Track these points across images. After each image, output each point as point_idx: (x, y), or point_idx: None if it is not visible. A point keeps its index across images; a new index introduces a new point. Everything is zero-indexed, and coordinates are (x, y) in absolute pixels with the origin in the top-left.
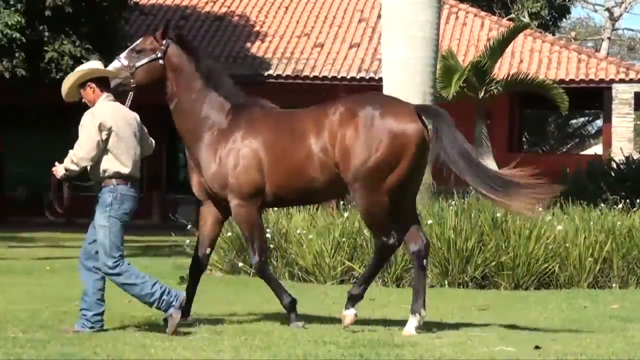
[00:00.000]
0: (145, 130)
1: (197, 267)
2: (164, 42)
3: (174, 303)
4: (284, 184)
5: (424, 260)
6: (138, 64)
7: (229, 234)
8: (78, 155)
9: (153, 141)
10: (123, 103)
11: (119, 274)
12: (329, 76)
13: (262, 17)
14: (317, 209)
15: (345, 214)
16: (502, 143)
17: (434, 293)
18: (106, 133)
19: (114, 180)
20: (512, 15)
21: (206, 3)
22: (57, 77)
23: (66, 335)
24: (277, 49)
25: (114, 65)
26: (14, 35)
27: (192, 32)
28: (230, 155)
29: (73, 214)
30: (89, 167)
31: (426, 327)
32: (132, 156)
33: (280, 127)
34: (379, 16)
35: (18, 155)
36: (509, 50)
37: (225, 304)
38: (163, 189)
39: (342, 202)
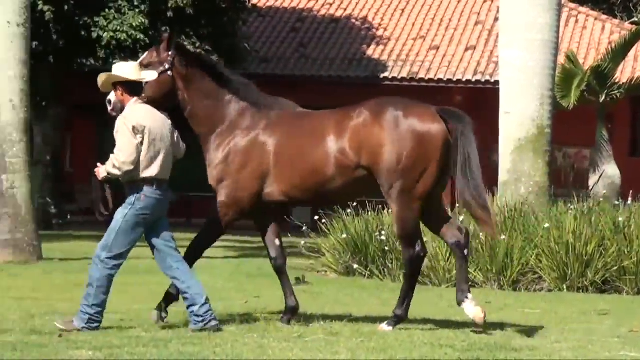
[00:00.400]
0: (177, 134)
1: (277, 263)
2: (170, 53)
3: (83, 324)
4: (298, 184)
5: (465, 250)
6: (148, 78)
7: (344, 235)
8: (120, 160)
9: (184, 145)
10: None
11: (96, 265)
12: (444, 79)
13: (379, 20)
14: None
15: (460, 217)
16: (625, 147)
17: (552, 297)
18: (141, 136)
19: (140, 182)
20: (635, 19)
21: (322, 5)
22: None
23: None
24: (393, 51)
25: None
26: (138, 37)
27: (308, 34)
28: (239, 154)
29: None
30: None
31: (545, 331)
32: (161, 159)
33: (298, 127)
34: (496, 19)
35: None
36: (631, 53)
37: (341, 305)
38: None
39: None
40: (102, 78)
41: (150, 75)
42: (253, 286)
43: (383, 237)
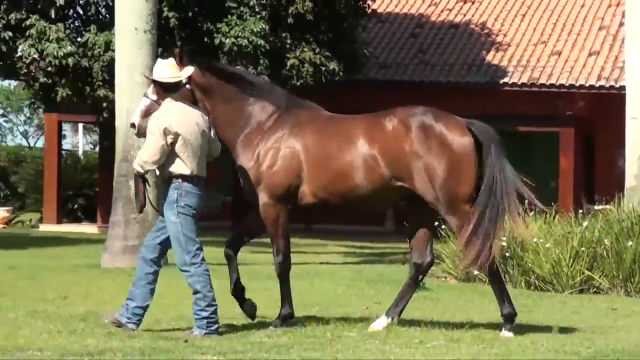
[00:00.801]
0: (213, 132)
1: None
2: (184, 66)
3: (204, 330)
4: (326, 186)
5: (421, 276)
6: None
7: None
8: (142, 159)
9: (220, 144)
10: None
11: (188, 271)
12: (566, 84)
13: (498, 25)
14: (553, 217)
15: (584, 223)
16: None
17: None
18: (172, 137)
19: (180, 179)
20: None
21: (442, 11)
22: (298, 83)
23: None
24: (513, 56)
25: (143, 103)
26: (258, 42)
27: (427, 39)
28: (268, 154)
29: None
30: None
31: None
32: (197, 157)
33: (327, 130)
34: (621, 24)
35: None
36: None
37: (461, 311)
38: None
39: (580, 211)
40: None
41: (187, 71)
42: (374, 292)
43: (503, 243)
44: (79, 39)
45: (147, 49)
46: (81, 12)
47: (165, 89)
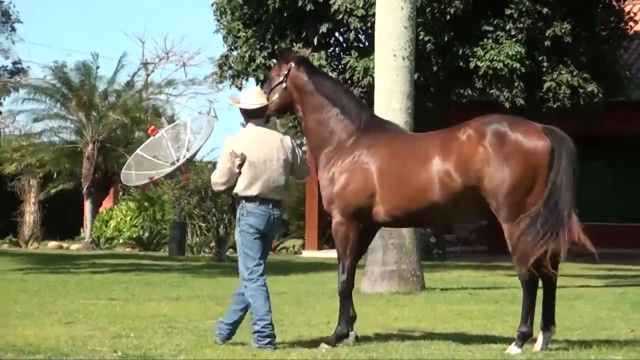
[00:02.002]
0: (300, 155)
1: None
2: (287, 65)
3: (256, 344)
4: (401, 206)
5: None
6: (267, 90)
7: None
8: (213, 179)
9: (309, 166)
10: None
11: (246, 286)
12: None
13: None
14: None
15: None
16: None
17: None
18: (238, 160)
19: (243, 200)
20: None
21: None
22: (554, 106)
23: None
24: None
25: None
26: (514, 65)
27: None
28: (343, 175)
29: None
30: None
31: None
32: (265, 180)
33: (403, 151)
34: None
35: None
36: None
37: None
38: None
39: None
40: (234, 102)
41: (266, 99)
42: (638, 316)
43: None
44: (339, 66)
45: (405, 74)
46: (341, 39)
47: (250, 115)
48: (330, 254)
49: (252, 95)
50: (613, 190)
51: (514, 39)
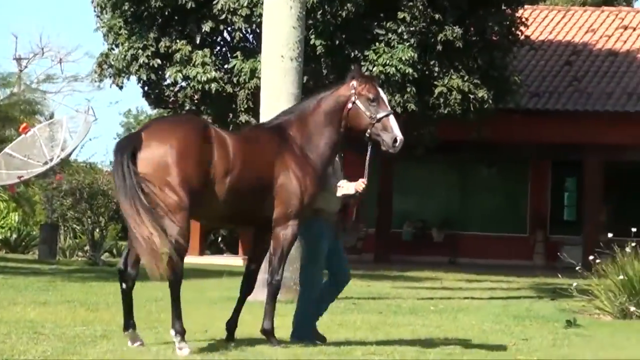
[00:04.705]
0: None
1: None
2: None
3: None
4: None
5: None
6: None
7: (621, 277)
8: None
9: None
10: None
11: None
12: None
13: None
14: None
15: None
16: None
17: None
18: None
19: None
20: None
21: (600, 38)
22: (445, 112)
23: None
24: None
25: None
26: (406, 70)
27: (584, 67)
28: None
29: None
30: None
31: None
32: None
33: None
34: None
35: (406, 191)
36: None
37: (616, 349)
38: (545, 228)
39: None
40: None
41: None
42: (521, 328)
43: None
44: (225, 66)
45: (293, 76)
46: (228, 38)
47: None
48: (213, 260)
49: None
50: (502, 200)
51: (406, 43)
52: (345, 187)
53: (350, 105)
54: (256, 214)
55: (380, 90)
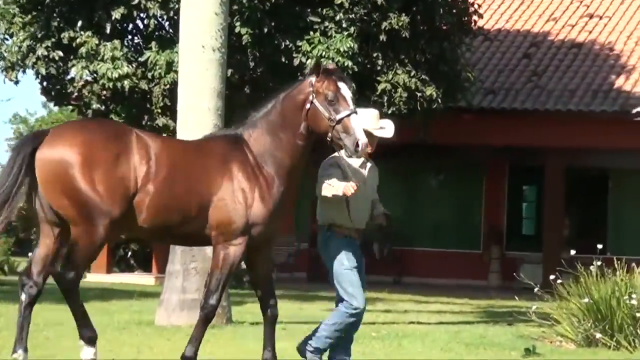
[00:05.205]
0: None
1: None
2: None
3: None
4: None
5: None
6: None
7: (586, 300)
8: None
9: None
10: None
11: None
12: None
13: (632, 45)
14: None
15: None
16: None
17: None
18: None
19: None
20: None
21: (562, 28)
22: (389, 111)
23: None
24: None
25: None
26: (345, 64)
27: (544, 61)
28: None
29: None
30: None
31: None
32: None
33: None
34: None
35: None
36: None
37: None
38: (502, 244)
39: None
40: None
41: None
42: (474, 357)
43: (634, 302)
44: (138, 59)
45: (215, 69)
46: (141, 27)
47: None
48: (122, 279)
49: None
50: (453, 211)
51: (345, 33)
52: (335, 187)
53: (308, 105)
54: (191, 232)
55: (342, 85)
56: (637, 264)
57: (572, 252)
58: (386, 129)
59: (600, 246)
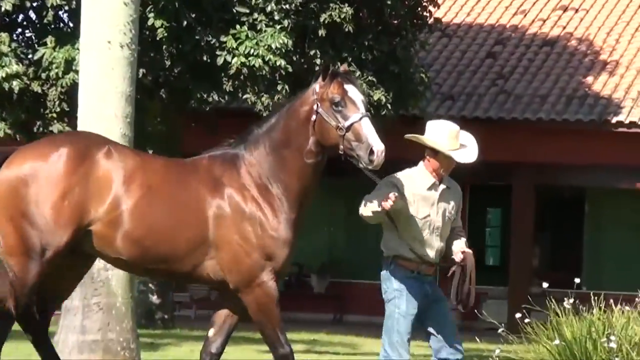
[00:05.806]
0: None
1: None
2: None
3: None
4: None
5: None
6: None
7: (557, 342)
8: None
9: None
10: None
11: None
12: None
13: (612, 42)
14: None
15: None
16: None
17: None
18: None
19: None
20: None
21: (532, 22)
22: None
23: None
24: (632, 86)
25: None
26: (277, 63)
27: (511, 61)
28: None
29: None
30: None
31: None
32: None
33: None
34: None
35: None
36: None
37: None
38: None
39: None
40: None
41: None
42: None
43: (612, 345)
44: (29, 56)
45: (124, 69)
46: (35, 19)
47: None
48: None
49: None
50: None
51: (278, 26)
52: (374, 202)
53: (314, 116)
54: (188, 272)
55: (349, 87)
56: (616, 300)
57: (544, 285)
58: (467, 150)
59: (577, 280)
